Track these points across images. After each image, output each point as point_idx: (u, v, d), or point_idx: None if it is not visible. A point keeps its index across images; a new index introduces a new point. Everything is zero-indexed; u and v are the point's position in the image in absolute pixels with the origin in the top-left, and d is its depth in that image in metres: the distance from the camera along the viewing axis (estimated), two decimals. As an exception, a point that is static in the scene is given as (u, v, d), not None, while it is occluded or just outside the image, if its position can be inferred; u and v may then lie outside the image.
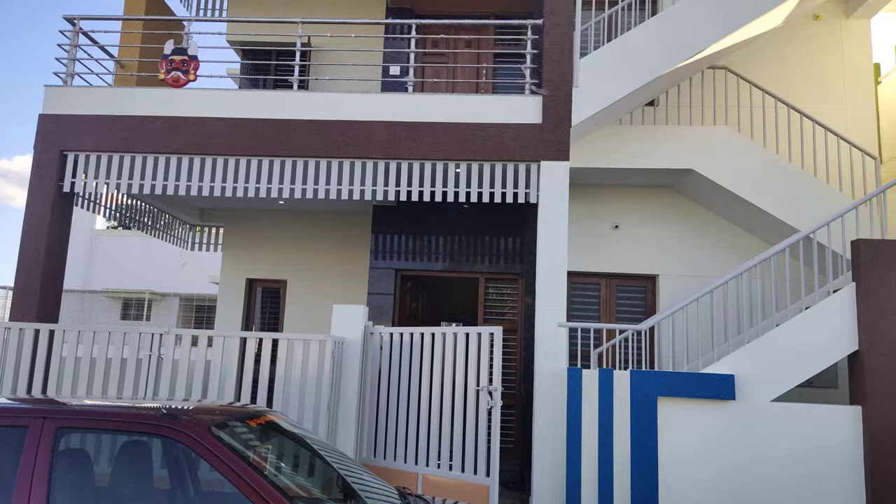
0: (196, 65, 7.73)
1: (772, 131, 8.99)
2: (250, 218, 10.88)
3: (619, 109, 8.04)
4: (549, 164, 7.38)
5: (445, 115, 7.57)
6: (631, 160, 8.47)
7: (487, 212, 9.22)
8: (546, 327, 6.99)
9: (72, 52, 7.97)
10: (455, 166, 7.54)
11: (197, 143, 7.62)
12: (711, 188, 8.47)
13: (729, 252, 8.91)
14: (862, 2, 8.95)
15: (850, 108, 9.11)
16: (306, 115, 7.67)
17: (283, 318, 10.68)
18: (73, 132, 7.73)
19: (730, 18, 7.50)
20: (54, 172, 7.65)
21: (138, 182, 7.68)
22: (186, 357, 6.22)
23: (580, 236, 9.07)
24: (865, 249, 6.59)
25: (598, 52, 7.62)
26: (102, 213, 8.86)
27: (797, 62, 9.28)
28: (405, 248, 9.40)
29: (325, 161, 7.61)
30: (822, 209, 8.00)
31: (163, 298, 24.06)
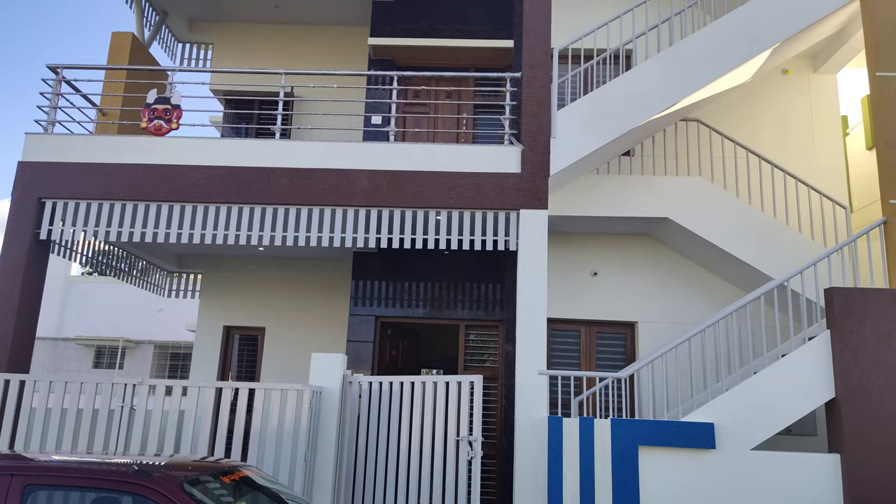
0: (179, 114, 7.79)
1: (744, 181, 9.21)
2: (229, 264, 10.81)
3: (596, 159, 8.21)
4: (528, 213, 7.48)
5: (426, 164, 7.67)
6: (608, 209, 8.61)
7: (468, 258, 9.27)
8: (526, 375, 6.98)
9: (54, 101, 8.00)
10: (435, 214, 7.61)
11: (177, 191, 7.62)
12: (687, 236, 8.61)
13: (706, 299, 9.01)
14: (828, 58, 9.31)
15: (820, 159, 9.38)
16: (288, 162, 7.72)
17: (260, 366, 10.53)
18: (51, 179, 7.70)
19: (700, 74, 7.77)
20: (31, 220, 7.59)
21: (116, 229, 7.63)
22: (160, 407, 6.09)
23: (560, 283, 9.13)
24: (839, 297, 6.71)
25: (575, 105, 7.81)
26: (78, 260, 8.76)
27: (767, 115, 9.58)
28: (385, 294, 9.38)
29: (306, 208, 7.64)
30: (795, 257, 8.16)
31: (137, 346, 23.61)
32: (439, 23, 10.02)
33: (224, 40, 11.32)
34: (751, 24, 7.87)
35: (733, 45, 7.83)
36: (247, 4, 10.73)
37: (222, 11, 10.99)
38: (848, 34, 8.72)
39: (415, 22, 10.06)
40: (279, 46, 11.20)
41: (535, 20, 7.93)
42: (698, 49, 7.83)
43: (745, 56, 7.82)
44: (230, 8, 10.87)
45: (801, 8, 7.93)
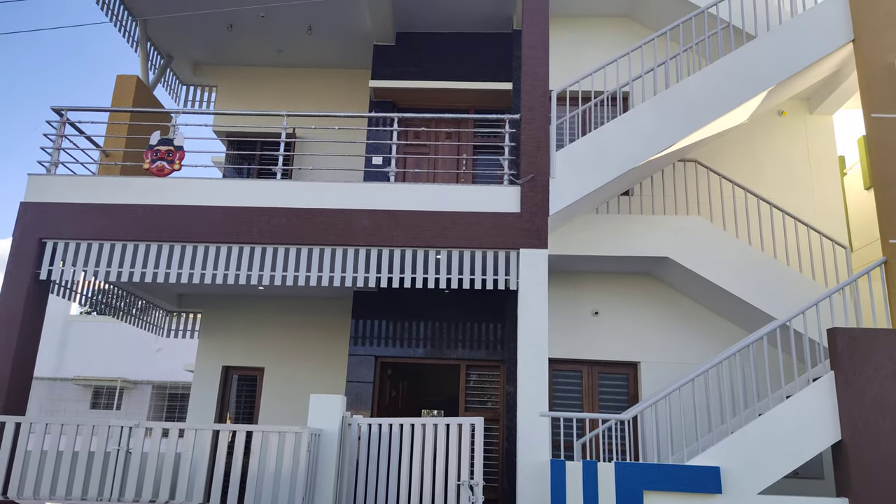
0: (181, 155, 7.86)
1: (743, 221, 9.23)
2: (229, 304, 10.77)
3: (595, 199, 8.25)
4: (528, 252, 7.49)
5: (426, 204, 7.71)
6: (608, 248, 8.61)
7: (468, 298, 9.24)
8: (528, 417, 6.88)
9: (57, 142, 8.08)
10: (436, 253, 7.61)
11: (178, 231, 7.64)
12: (688, 276, 8.60)
13: (708, 339, 8.94)
14: (823, 99, 9.42)
15: (819, 198, 9.42)
16: (289, 203, 7.76)
17: (258, 407, 10.40)
18: (53, 220, 7.73)
19: (696, 116, 7.86)
20: (31, 260, 7.59)
21: (116, 269, 7.62)
22: (156, 450, 5.99)
23: (561, 323, 9.07)
24: (842, 338, 6.66)
25: (574, 146, 7.88)
26: (78, 300, 8.74)
27: (765, 155, 9.65)
28: (385, 333, 9.33)
29: (306, 248, 7.65)
30: (796, 297, 8.12)
31: (135, 386, 23.37)
32: (439, 66, 10.19)
33: (227, 83, 11.50)
34: (746, 67, 7.99)
35: (729, 87, 7.93)
36: (250, 49, 10.93)
37: (226, 55, 11.19)
38: (842, 76, 8.84)
39: (415, 65, 10.23)
40: (281, 88, 11.38)
41: (533, 63, 8.06)
42: (694, 91, 7.94)
43: (740, 98, 7.92)
44: (234, 52, 11.07)
45: (795, 52, 8.07)
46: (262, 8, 9.73)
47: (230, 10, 9.81)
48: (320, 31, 10.39)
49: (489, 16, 9.96)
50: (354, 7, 9.73)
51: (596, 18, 10.14)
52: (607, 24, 10.12)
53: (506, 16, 9.96)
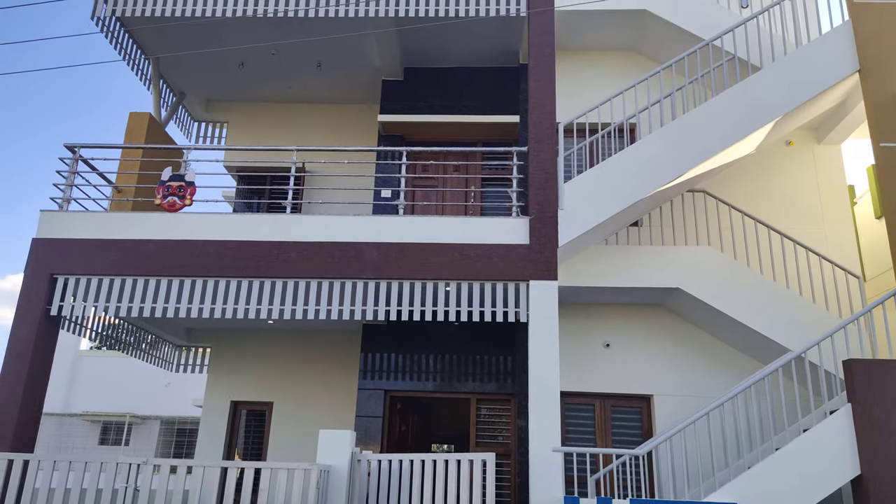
0: (193, 190, 7.94)
1: (754, 251, 9.18)
2: (238, 338, 10.75)
3: (604, 230, 8.23)
4: (538, 284, 7.45)
5: (435, 237, 7.71)
6: (618, 279, 8.56)
7: (478, 330, 9.18)
8: (540, 452, 6.77)
9: (70, 179, 8.17)
10: (445, 285, 7.59)
11: (189, 266, 7.67)
12: (699, 307, 8.52)
13: (722, 371, 8.82)
14: (831, 129, 9.42)
15: (829, 228, 9.36)
16: (298, 237, 7.79)
17: (267, 442, 10.30)
18: (64, 256, 7.79)
19: (704, 146, 7.87)
20: (43, 296, 7.62)
21: (127, 304, 7.64)
22: (164, 487, 5.93)
23: (572, 355, 8.98)
24: (858, 369, 6.55)
25: (582, 177, 7.90)
26: (87, 335, 8.75)
27: (774, 185, 9.63)
28: (395, 367, 9.26)
29: (315, 282, 7.65)
30: (810, 328, 8.02)
31: (143, 422, 23.26)
32: (446, 100, 10.30)
33: (238, 118, 11.66)
34: (752, 98, 8.03)
35: (735, 118, 7.96)
36: (261, 85, 11.10)
37: (237, 92, 11.36)
38: (849, 106, 8.86)
39: (423, 99, 10.34)
40: (292, 123, 11.52)
41: (539, 97, 8.12)
42: (701, 122, 7.97)
43: (747, 129, 7.94)
44: (245, 89, 11.25)
45: (801, 82, 8.11)
46: (272, 46, 9.90)
47: (242, 49, 9.98)
48: (330, 67, 10.55)
49: (495, 50, 10.09)
50: (363, 44, 9.89)
51: (601, 51, 10.25)
52: (613, 56, 10.22)
53: (512, 50, 10.09)
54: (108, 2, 8.79)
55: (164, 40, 9.84)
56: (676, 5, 9.33)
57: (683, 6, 9.33)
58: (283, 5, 8.66)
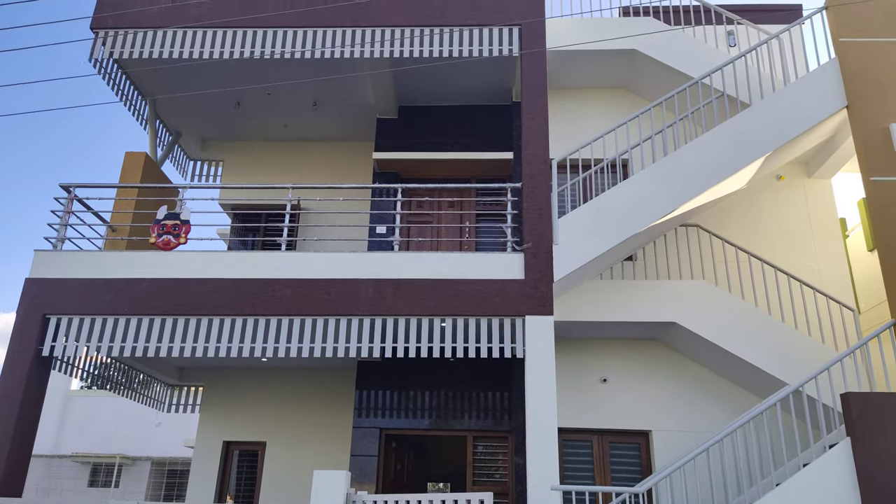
0: (187, 229, 7.94)
1: (749, 284, 9.20)
2: (231, 376, 10.65)
3: (599, 265, 8.26)
4: (534, 319, 7.43)
5: (430, 272, 7.71)
6: (614, 314, 8.56)
7: (474, 366, 9.12)
8: (539, 491, 6.67)
9: (64, 219, 8.16)
10: (440, 321, 7.57)
11: (182, 304, 7.63)
12: (696, 341, 8.51)
13: (721, 405, 8.77)
14: (821, 163, 9.54)
15: (822, 261, 9.41)
16: (293, 274, 7.77)
17: (259, 483, 10.12)
18: (57, 296, 7.73)
19: (696, 182, 7.96)
20: (35, 336, 7.55)
21: (119, 344, 7.57)
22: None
23: (569, 391, 8.92)
24: (856, 403, 6.52)
25: (576, 213, 7.95)
26: (78, 375, 8.65)
27: (766, 219, 9.70)
28: (390, 405, 9.16)
29: (310, 319, 7.61)
30: (806, 361, 8.01)
31: (134, 463, 22.83)
32: (441, 137, 10.40)
33: (234, 157, 11.73)
34: (741, 134, 8.15)
35: (726, 154, 8.07)
36: (257, 124, 11.20)
37: (233, 131, 11.46)
38: (838, 141, 9.00)
39: (417, 136, 10.45)
40: (287, 161, 11.59)
41: (533, 134, 8.22)
42: (693, 158, 8.07)
43: (738, 165, 8.04)
44: (241, 128, 11.34)
45: (790, 118, 8.24)
46: (269, 86, 10.03)
47: (238, 89, 10.10)
48: (325, 106, 10.67)
49: (488, 89, 10.24)
50: (358, 84, 10.02)
51: (593, 90, 10.42)
52: (604, 94, 10.39)
53: (505, 88, 10.24)
54: (105, 45, 8.91)
55: (160, 81, 9.95)
56: (665, 45, 9.53)
57: (672, 46, 9.53)
58: (280, 47, 8.79)
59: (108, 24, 8.94)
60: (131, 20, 8.97)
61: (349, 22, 8.84)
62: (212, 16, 8.96)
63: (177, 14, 9.00)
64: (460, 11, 8.85)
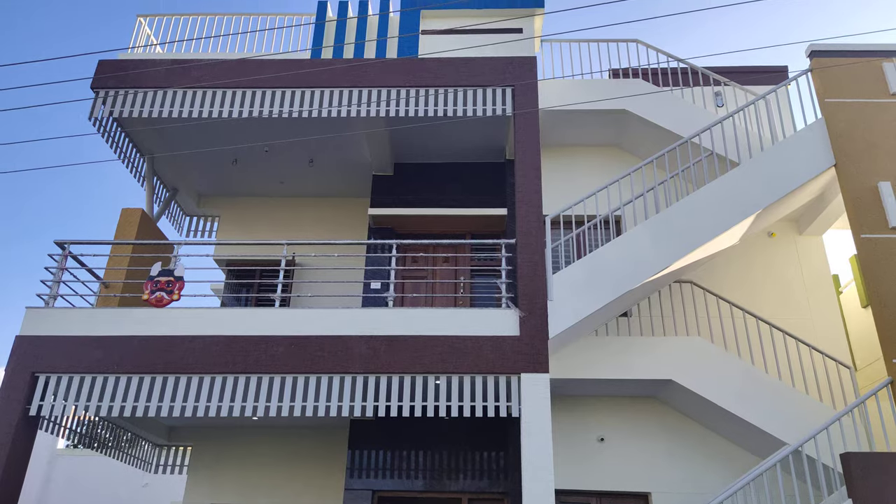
0: (181, 285, 7.91)
1: (744, 341, 9.17)
2: (221, 435, 10.41)
3: (594, 321, 8.23)
4: (529, 377, 7.36)
5: (425, 329, 7.67)
6: (610, 371, 8.48)
7: (469, 425, 8.97)
8: (536, 558, 6.47)
9: (58, 275, 8.13)
10: (435, 379, 7.48)
11: (173, 362, 7.53)
12: (693, 399, 8.41)
13: (720, 466, 8.60)
14: (811, 220, 9.63)
15: (817, 318, 9.39)
16: (286, 330, 7.72)
17: (249, 549, 9.79)
18: (47, 354, 7.63)
19: (688, 239, 8.02)
20: (22, 395, 7.41)
21: (108, 403, 7.43)
22: None
23: (565, 450, 8.76)
24: (857, 463, 6.42)
25: (570, 269, 7.98)
26: (65, 435, 8.47)
27: (759, 275, 9.73)
28: (383, 465, 8.97)
29: (302, 377, 7.52)
30: (804, 420, 7.91)
31: (118, 526, 22.09)
32: (435, 193, 10.51)
33: (230, 212, 11.79)
34: (731, 192, 8.26)
35: (717, 212, 8.16)
36: (253, 180, 11.31)
37: (230, 187, 11.56)
38: (828, 199, 9.11)
39: (412, 193, 10.55)
40: (282, 217, 11.66)
41: (526, 191, 8.32)
42: (684, 216, 8.15)
43: (728, 222, 8.12)
44: (237, 184, 11.45)
45: (779, 177, 8.37)
46: (266, 143, 10.18)
47: (236, 147, 10.24)
48: (321, 163, 10.80)
49: (482, 147, 10.41)
50: (355, 142, 10.18)
51: (584, 147, 10.60)
52: (596, 152, 10.57)
53: (498, 146, 10.41)
54: (105, 104, 9.06)
55: (158, 138, 10.09)
56: (655, 105, 9.75)
57: (661, 106, 9.75)
58: (279, 106, 8.96)
59: (109, 84, 9.12)
60: (133, 80, 9.15)
61: (347, 83, 9.04)
62: (213, 76, 9.16)
63: (178, 75, 9.20)
64: (455, 73, 9.07)
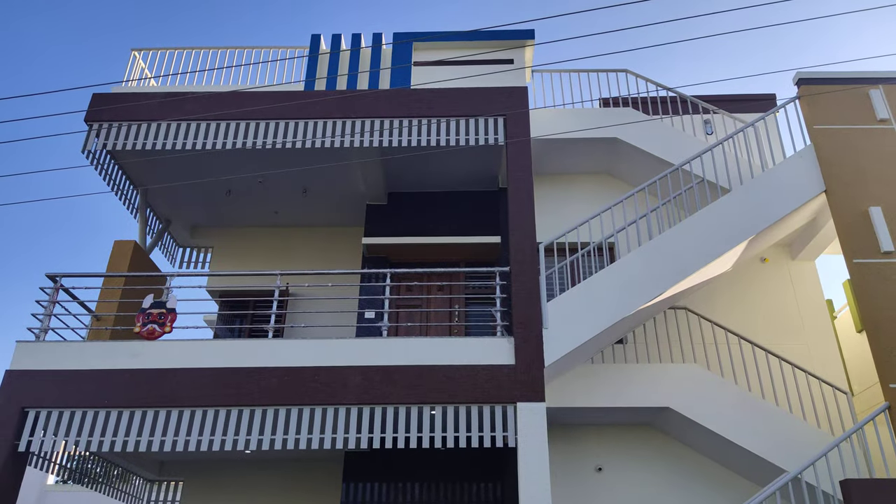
0: (173, 317, 7.85)
1: (740, 367, 9.14)
2: (212, 470, 10.24)
3: (589, 349, 8.19)
4: (526, 406, 7.29)
5: (419, 358, 7.61)
6: (606, 399, 8.42)
7: (466, 455, 8.86)
8: (534, 592, 6.34)
9: (49, 308, 8.07)
10: (430, 409, 7.41)
11: (165, 396, 7.44)
12: (690, 427, 8.35)
13: (718, 494, 8.51)
14: (804, 246, 9.68)
15: (812, 343, 9.38)
16: (279, 362, 7.65)
17: (241, 587, 9.57)
18: (38, 388, 7.52)
19: (681, 265, 8.03)
20: (11, 431, 7.29)
21: (99, 438, 7.31)
22: None
23: (563, 480, 8.65)
24: (857, 490, 6.36)
25: (564, 296, 7.96)
26: (54, 471, 8.32)
27: (753, 301, 9.74)
28: (378, 497, 8.82)
29: (296, 409, 7.43)
30: (802, 446, 7.85)
31: (110, 562, 21.60)
32: (429, 222, 10.52)
33: (223, 243, 11.76)
34: (723, 219, 8.31)
35: (709, 238, 8.19)
36: (247, 211, 11.31)
37: (223, 218, 11.54)
38: (819, 224, 9.16)
39: (406, 221, 10.56)
40: (276, 247, 11.63)
41: (519, 219, 8.34)
42: (677, 242, 8.18)
43: (721, 249, 8.15)
44: (231, 215, 11.44)
45: (770, 203, 8.43)
46: (259, 174, 10.20)
47: (229, 178, 10.26)
48: (315, 193, 10.82)
49: (475, 176, 10.46)
50: (348, 172, 10.22)
51: (577, 175, 10.68)
52: (588, 179, 10.64)
53: (491, 175, 10.46)
54: (98, 137, 9.09)
55: (152, 170, 10.10)
56: (645, 133, 9.85)
57: (652, 134, 9.85)
58: (272, 137, 9.00)
59: (103, 117, 9.15)
60: (126, 113, 9.19)
61: (340, 113, 9.10)
62: (206, 109, 9.20)
63: (172, 107, 9.24)
64: (447, 103, 9.15)
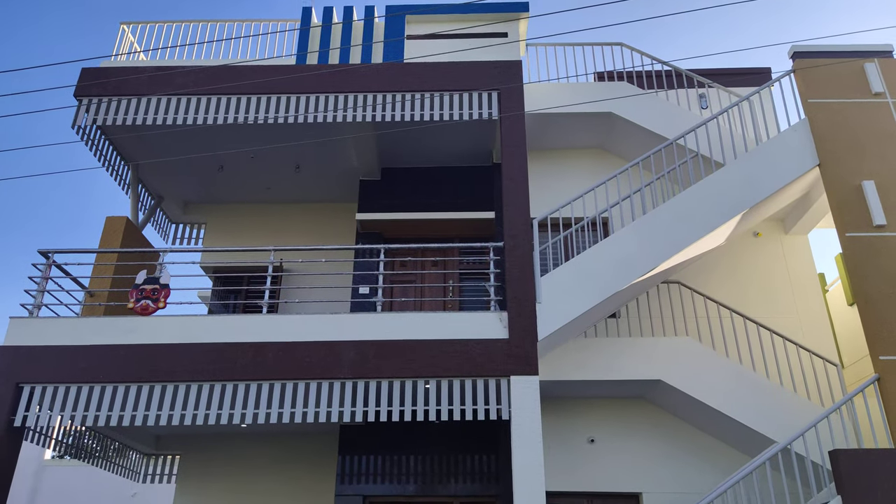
0: (167, 293, 7.85)
1: (732, 341, 9.21)
2: (209, 444, 10.33)
3: (582, 323, 8.24)
4: (519, 379, 7.35)
5: (414, 333, 7.65)
6: (599, 372, 8.49)
7: (460, 428, 8.95)
8: (527, 561, 6.46)
9: (42, 284, 8.05)
10: (424, 383, 7.46)
11: (160, 371, 7.47)
12: (682, 399, 8.44)
13: (710, 465, 8.63)
14: (797, 220, 9.71)
15: (803, 316, 9.46)
16: (274, 337, 7.67)
17: (239, 557, 9.70)
18: (32, 364, 7.54)
19: (674, 240, 8.05)
20: (7, 406, 7.32)
21: (94, 413, 7.35)
22: None
23: (556, 452, 8.76)
24: (845, 460, 6.46)
25: (558, 271, 7.98)
26: (51, 446, 8.37)
27: (746, 275, 9.79)
28: (373, 470, 8.92)
29: (291, 383, 7.47)
30: (793, 418, 7.96)
31: (106, 538, 21.83)
32: (423, 198, 10.50)
33: (216, 219, 11.71)
34: (717, 193, 8.31)
35: (703, 212, 8.20)
36: (240, 187, 11.25)
37: (216, 194, 11.48)
38: (812, 198, 9.19)
39: (400, 197, 10.53)
40: (270, 223, 11.59)
41: (513, 194, 8.32)
42: (670, 217, 8.19)
43: (714, 223, 8.16)
44: (223, 191, 11.38)
45: (763, 177, 8.43)
46: (251, 150, 10.13)
47: (221, 153, 10.19)
48: (308, 169, 10.76)
49: (469, 151, 10.41)
50: (341, 147, 10.15)
51: (570, 150, 10.64)
52: (582, 154, 10.61)
53: (485, 150, 10.42)
54: (88, 112, 8.99)
55: (143, 146, 10.02)
56: (640, 108, 9.80)
57: (646, 109, 9.80)
58: (264, 112, 8.92)
59: (93, 91, 9.04)
60: (116, 88, 9.08)
61: (332, 88, 9.02)
62: (197, 83, 9.10)
63: (162, 82, 9.13)
64: (441, 77, 9.07)
